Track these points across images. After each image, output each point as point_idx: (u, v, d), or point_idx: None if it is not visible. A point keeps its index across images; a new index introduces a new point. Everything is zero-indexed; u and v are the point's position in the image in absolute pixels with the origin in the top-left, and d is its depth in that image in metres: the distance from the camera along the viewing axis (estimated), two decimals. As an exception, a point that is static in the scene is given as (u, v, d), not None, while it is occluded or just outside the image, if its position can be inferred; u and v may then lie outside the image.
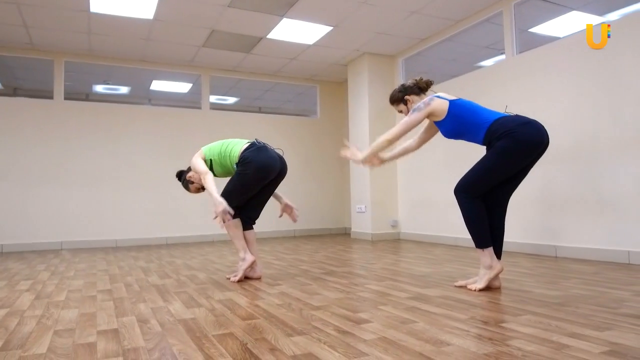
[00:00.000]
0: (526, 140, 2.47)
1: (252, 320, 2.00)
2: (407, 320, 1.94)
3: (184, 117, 6.57)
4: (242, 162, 2.96)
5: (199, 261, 4.19)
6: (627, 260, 3.52)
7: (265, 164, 2.96)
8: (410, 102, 2.84)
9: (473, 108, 2.67)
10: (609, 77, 3.68)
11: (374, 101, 6.17)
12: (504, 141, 2.48)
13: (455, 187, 2.65)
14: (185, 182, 3.23)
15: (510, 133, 2.47)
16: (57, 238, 5.72)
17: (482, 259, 2.60)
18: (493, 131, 2.51)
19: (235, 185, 2.98)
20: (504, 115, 2.58)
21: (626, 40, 3.56)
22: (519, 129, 2.47)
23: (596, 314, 1.98)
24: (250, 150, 2.99)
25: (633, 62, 3.52)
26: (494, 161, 2.53)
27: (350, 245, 5.38)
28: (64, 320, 2.07)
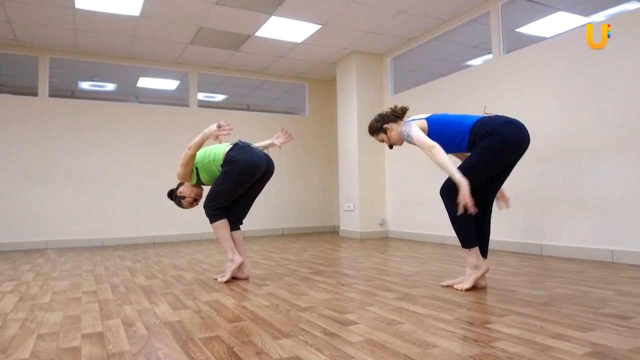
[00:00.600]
0: (508, 139, 2.50)
1: (239, 323, 1.99)
2: (394, 322, 1.95)
3: (172, 115, 6.52)
4: (227, 162, 2.94)
5: (186, 261, 4.16)
6: (610, 259, 3.57)
7: (251, 162, 2.95)
8: (389, 130, 2.83)
9: (450, 119, 2.71)
10: (594, 78, 3.72)
11: (362, 100, 6.18)
12: (486, 140, 2.51)
13: (440, 188, 2.66)
14: (177, 199, 3.19)
15: (493, 132, 2.49)
16: (42, 237, 5.65)
17: (468, 258, 2.62)
18: (475, 132, 2.54)
19: (221, 185, 2.96)
20: (483, 116, 2.62)
21: (610, 41, 3.60)
22: (500, 127, 2.50)
23: (579, 314, 2.01)
24: (235, 150, 2.97)
25: (617, 63, 3.57)
26: (477, 161, 2.55)
27: (339, 244, 5.39)
28: (47, 323, 2.05)
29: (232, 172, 2.92)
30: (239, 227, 3.17)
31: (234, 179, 2.94)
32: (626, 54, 3.49)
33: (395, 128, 2.81)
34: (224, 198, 2.99)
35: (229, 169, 2.93)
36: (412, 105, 5.71)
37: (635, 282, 2.73)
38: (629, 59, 3.48)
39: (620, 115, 3.55)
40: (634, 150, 3.46)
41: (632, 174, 3.46)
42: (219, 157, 2.99)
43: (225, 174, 2.95)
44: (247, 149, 3.01)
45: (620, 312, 2.04)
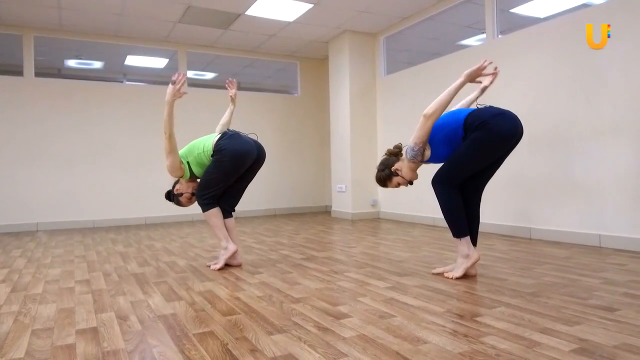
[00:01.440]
0: (500, 132, 2.50)
1: (233, 316, 2.01)
2: (386, 315, 1.98)
3: (161, 95, 6.39)
4: (217, 152, 2.92)
5: (178, 245, 4.17)
6: (598, 243, 3.64)
7: (241, 150, 2.93)
8: (399, 170, 2.75)
9: (442, 121, 2.66)
10: (587, 64, 3.70)
11: (355, 80, 6.11)
12: (478, 132, 2.50)
13: (432, 178, 2.67)
14: (175, 197, 3.16)
15: (485, 124, 2.49)
16: (33, 219, 5.61)
17: (459, 247, 2.65)
18: (468, 125, 2.53)
19: (212, 174, 2.95)
20: (475, 109, 2.61)
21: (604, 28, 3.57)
22: (493, 120, 2.50)
23: (567, 306, 2.05)
24: (224, 138, 2.95)
25: (610, 52, 3.55)
26: (469, 152, 2.55)
27: (331, 226, 5.42)
28: (41, 317, 2.06)
29: (222, 160, 2.90)
30: (231, 214, 3.17)
31: (225, 168, 2.92)
32: (620, 42, 3.47)
33: (401, 164, 2.73)
34: (216, 187, 2.98)
35: (219, 158, 2.91)
36: (405, 87, 5.69)
37: (620, 269, 2.79)
38: (623, 47, 3.46)
39: (611, 104, 3.55)
40: (624, 138, 3.48)
41: (621, 162, 3.49)
42: (208, 147, 2.96)
43: (215, 163, 2.93)
44: (237, 137, 2.98)
45: (607, 303, 2.09)
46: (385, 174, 2.76)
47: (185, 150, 3.07)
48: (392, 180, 2.76)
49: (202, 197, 2.99)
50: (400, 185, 2.78)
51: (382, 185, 2.85)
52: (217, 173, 2.94)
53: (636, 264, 2.93)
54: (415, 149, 2.60)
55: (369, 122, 6.21)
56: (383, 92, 6.15)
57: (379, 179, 2.82)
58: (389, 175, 2.75)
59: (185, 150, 3.07)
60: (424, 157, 2.65)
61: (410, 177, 2.73)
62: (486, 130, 2.48)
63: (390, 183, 2.78)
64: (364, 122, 6.17)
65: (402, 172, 2.72)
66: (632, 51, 3.42)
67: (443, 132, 2.63)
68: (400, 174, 2.73)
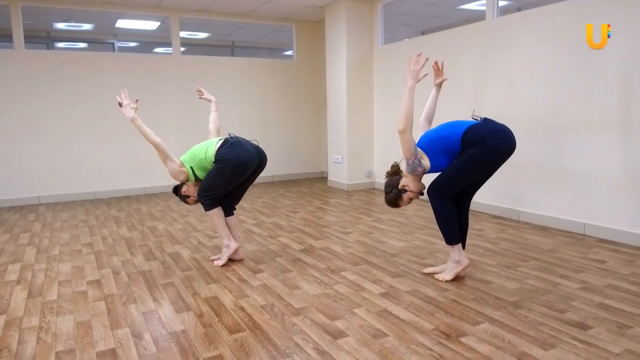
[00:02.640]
0: (497, 149, 2.59)
1: (239, 335, 2.19)
2: (379, 334, 2.16)
3: (154, 63, 6.32)
4: (219, 160, 2.99)
5: (180, 227, 4.33)
6: (582, 231, 3.82)
7: (243, 159, 3.00)
8: (406, 185, 2.78)
9: (439, 135, 2.73)
10: (585, 55, 3.70)
11: (352, 50, 6.02)
12: (476, 149, 2.58)
13: (428, 188, 2.78)
14: (182, 197, 3.25)
15: (483, 141, 2.56)
16: (34, 193, 5.72)
17: (451, 253, 2.81)
18: (467, 140, 2.60)
19: (214, 179, 3.04)
20: (472, 124, 2.66)
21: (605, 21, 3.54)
22: (490, 137, 2.57)
23: (545, 321, 2.24)
24: (225, 147, 3.00)
25: (609, 47, 3.53)
26: (466, 167, 2.65)
27: (327, 200, 5.57)
28: (62, 334, 2.23)
29: (224, 169, 2.99)
30: (232, 213, 3.29)
31: (226, 176, 3.01)
32: (620, 36, 3.45)
33: (406, 180, 2.77)
34: (217, 191, 3.08)
35: (221, 167, 2.99)
36: (402, 59, 5.62)
37: (600, 269, 2.97)
38: (622, 41, 3.45)
39: (605, 96, 3.59)
40: (615, 133, 3.55)
41: (611, 154, 3.59)
42: (210, 154, 3.03)
43: (217, 170, 3.01)
44: (238, 145, 3.04)
45: (582, 318, 2.28)
46: (394, 194, 2.81)
47: (187, 156, 3.14)
48: (402, 198, 2.80)
49: (204, 197, 3.10)
50: (412, 200, 2.84)
51: (394, 207, 2.88)
52: (219, 179, 3.03)
53: (615, 262, 3.12)
54: (410, 162, 2.68)
55: (365, 93, 6.19)
56: (380, 62, 6.09)
57: (389, 201, 2.85)
58: (398, 194, 2.80)
59: (188, 156, 3.14)
60: (424, 168, 2.71)
61: (418, 188, 2.80)
62: (484, 148, 2.56)
63: (402, 201, 2.81)
64: (360, 94, 6.15)
65: (409, 187, 2.77)
66: (631, 48, 3.42)
67: (441, 144, 2.70)
68: (408, 189, 2.78)
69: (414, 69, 2.62)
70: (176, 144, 6.32)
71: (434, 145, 2.71)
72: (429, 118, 3.01)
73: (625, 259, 3.16)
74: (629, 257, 3.20)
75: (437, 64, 3.01)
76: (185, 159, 3.13)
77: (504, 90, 4.40)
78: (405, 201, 2.81)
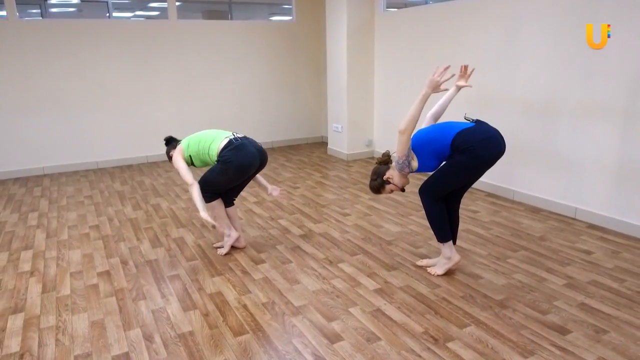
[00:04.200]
0: (485, 156, 2.67)
1: (243, 337, 2.36)
2: (372, 337, 2.34)
3: (151, 30, 6.18)
4: (222, 162, 3.05)
5: (184, 206, 4.45)
6: (573, 215, 3.94)
7: (245, 163, 3.07)
8: (391, 178, 2.85)
9: (430, 136, 2.79)
10: (584, 41, 3.64)
11: (352, 14, 5.85)
12: (464, 156, 2.66)
13: (419, 188, 2.87)
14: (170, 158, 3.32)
15: (471, 149, 2.63)
16: (39, 164, 5.80)
17: (443, 250, 2.95)
18: (456, 146, 2.67)
19: (216, 177, 3.11)
20: (463, 128, 2.70)
21: (607, 12, 3.47)
22: (479, 145, 2.64)
23: (527, 324, 2.41)
24: (229, 149, 3.05)
25: (613, 32, 3.47)
26: (455, 172, 2.75)
27: (327, 173, 5.66)
28: (78, 336, 2.41)
29: (227, 171, 3.05)
30: (232, 203, 3.39)
31: (229, 176, 3.09)
32: (623, 26, 3.39)
33: (392, 172, 2.86)
34: (217, 188, 3.17)
35: (224, 168, 3.05)
36: (404, 26, 5.51)
37: (585, 264, 3.12)
38: (625, 31, 3.39)
39: (606, 83, 3.58)
40: (613, 120, 3.58)
41: (606, 142, 3.64)
42: (213, 152, 3.09)
43: (220, 170, 3.08)
44: (242, 148, 3.07)
45: (562, 321, 2.44)
46: (377, 183, 2.94)
47: (192, 143, 3.18)
48: (385, 188, 2.93)
49: (205, 191, 3.18)
50: (393, 192, 2.97)
51: (375, 193, 3.02)
52: (221, 179, 3.10)
53: (601, 252, 3.26)
54: (400, 161, 2.76)
55: (366, 61, 6.10)
56: (381, 29, 5.95)
57: (372, 187, 2.98)
58: (381, 184, 2.93)
59: (192, 145, 3.18)
60: (411, 168, 2.80)
61: (402, 184, 2.91)
62: (471, 155, 2.64)
63: (384, 190, 2.95)
64: (361, 62, 6.06)
65: (393, 180, 2.89)
66: (633, 39, 3.37)
67: (431, 147, 2.76)
68: (392, 181, 2.90)
69: (436, 80, 2.63)
70: (176, 116, 6.36)
71: (424, 147, 2.78)
72: (437, 115, 3.03)
73: (611, 250, 3.30)
74: (615, 248, 3.34)
75: (466, 68, 2.96)
76: (190, 145, 3.18)
77: (504, 70, 4.36)
78: (387, 191, 2.94)
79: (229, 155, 3.04)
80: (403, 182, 2.91)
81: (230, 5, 8.23)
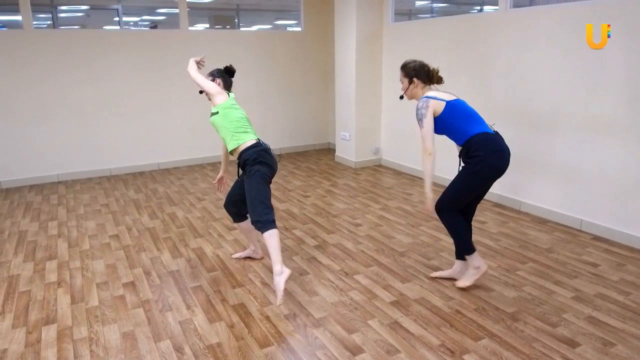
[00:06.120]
0: (494, 167, 2.85)
1: (269, 349, 2.48)
2: (392, 350, 2.46)
3: (162, 39, 6.29)
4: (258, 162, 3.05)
5: (199, 215, 4.57)
6: (579, 226, 4.06)
7: (274, 170, 3.15)
8: (414, 84, 2.93)
9: (464, 115, 2.88)
10: (592, 56, 3.76)
11: (361, 24, 5.96)
12: (476, 165, 2.80)
13: (435, 207, 2.99)
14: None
15: (483, 159, 2.79)
16: (53, 171, 5.91)
17: (470, 262, 3.05)
18: (469, 145, 2.83)
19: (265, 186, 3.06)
20: (483, 131, 2.83)
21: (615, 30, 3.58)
22: (490, 156, 2.80)
23: (538, 337, 2.53)
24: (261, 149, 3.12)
25: (622, 48, 3.60)
26: (467, 184, 2.90)
27: (336, 181, 5.78)
28: (111, 348, 2.53)
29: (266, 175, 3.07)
30: (247, 217, 3.44)
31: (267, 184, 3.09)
32: (633, 41, 3.51)
33: (419, 88, 2.94)
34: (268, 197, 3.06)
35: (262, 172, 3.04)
36: (409, 39, 5.62)
37: (591, 276, 3.24)
38: (635, 47, 3.51)
39: (614, 98, 3.69)
40: (616, 132, 3.69)
41: (611, 155, 3.76)
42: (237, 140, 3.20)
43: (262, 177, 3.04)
44: (269, 152, 3.13)
45: (571, 334, 2.57)
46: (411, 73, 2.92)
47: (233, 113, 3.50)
48: (405, 77, 2.96)
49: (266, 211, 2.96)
50: (401, 83, 3.02)
51: (401, 67, 2.99)
52: (266, 189, 3.07)
53: (606, 265, 3.38)
54: (418, 118, 2.87)
55: (374, 72, 6.21)
56: (389, 40, 6.07)
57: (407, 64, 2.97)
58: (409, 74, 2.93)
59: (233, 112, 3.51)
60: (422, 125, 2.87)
61: (410, 95, 3.01)
62: (483, 164, 2.80)
63: (404, 77, 2.97)
64: (369, 72, 6.18)
65: (413, 88, 2.95)
66: (635, 56, 3.49)
67: (456, 123, 2.85)
68: (411, 86, 2.95)
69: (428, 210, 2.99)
70: (187, 123, 6.49)
71: (452, 118, 2.85)
72: None
73: (616, 262, 3.43)
74: (620, 260, 3.46)
75: None
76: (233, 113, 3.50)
77: (511, 83, 4.48)
78: (403, 79, 2.98)
79: (261, 157, 3.06)
80: (411, 96, 3.01)
81: (238, 11, 8.36)
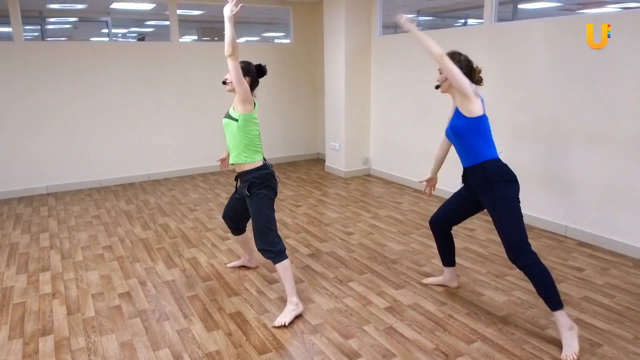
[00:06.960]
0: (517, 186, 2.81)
1: (267, 355, 2.52)
2: (388, 354, 2.52)
3: (153, 52, 6.34)
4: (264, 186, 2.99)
5: (192, 226, 4.59)
6: (564, 232, 4.19)
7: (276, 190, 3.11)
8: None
9: (485, 134, 2.73)
10: (577, 70, 3.91)
11: (350, 38, 6.09)
12: (507, 189, 2.73)
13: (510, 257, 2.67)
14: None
15: (509, 183, 2.75)
16: (42, 182, 5.88)
17: (561, 320, 2.51)
18: (485, 168, 2.72)
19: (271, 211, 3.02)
20: (497, 158, 2.77)
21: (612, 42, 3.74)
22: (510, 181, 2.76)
23: (528, 340, 2.62)
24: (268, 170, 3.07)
25: (615, 59, 3.75)
26: (515, 207, 2.75)
27: (326, 191, 5.85)
28: (109, 354, 2.54)
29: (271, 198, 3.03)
30: (245, 230, 3.49)
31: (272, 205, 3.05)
32: (626, 54, 3.65)
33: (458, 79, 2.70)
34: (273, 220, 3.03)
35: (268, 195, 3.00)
36: (396, 51, 5.76)
37: (577, 280, 3.35)
38: (627, 59, 3.62)
39: (604, 111, 3.77)
40: (600, 143, 3.84)
41: (599, 166, 3.87)
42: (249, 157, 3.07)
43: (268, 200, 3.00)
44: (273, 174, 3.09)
45: (559, 338, 2.65)
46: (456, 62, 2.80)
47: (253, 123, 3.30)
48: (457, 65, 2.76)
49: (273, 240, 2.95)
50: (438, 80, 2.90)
51: (450, 54, 2.86)
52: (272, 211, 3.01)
53: (591, 269, 3.50)
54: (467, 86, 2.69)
55: (363, 83, 6.34)
56: (377, 52, 6.21)
57: (456, 53, 2.91)
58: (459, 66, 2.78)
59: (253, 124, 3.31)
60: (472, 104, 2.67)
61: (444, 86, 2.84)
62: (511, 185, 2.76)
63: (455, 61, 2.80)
64: (357, 84, 6.30)
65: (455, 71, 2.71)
66: (623, 72, 3.64)
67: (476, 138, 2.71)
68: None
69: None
70: (178, 134, 6.51)
71: (477, 129, 2.70)
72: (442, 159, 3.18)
73: (600, 267, 3.55)
74: (604, 265, 3.58)
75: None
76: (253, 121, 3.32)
77: (496, 95, 4.62)
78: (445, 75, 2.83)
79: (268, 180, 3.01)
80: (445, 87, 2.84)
81: (227, 24, 8.44)
